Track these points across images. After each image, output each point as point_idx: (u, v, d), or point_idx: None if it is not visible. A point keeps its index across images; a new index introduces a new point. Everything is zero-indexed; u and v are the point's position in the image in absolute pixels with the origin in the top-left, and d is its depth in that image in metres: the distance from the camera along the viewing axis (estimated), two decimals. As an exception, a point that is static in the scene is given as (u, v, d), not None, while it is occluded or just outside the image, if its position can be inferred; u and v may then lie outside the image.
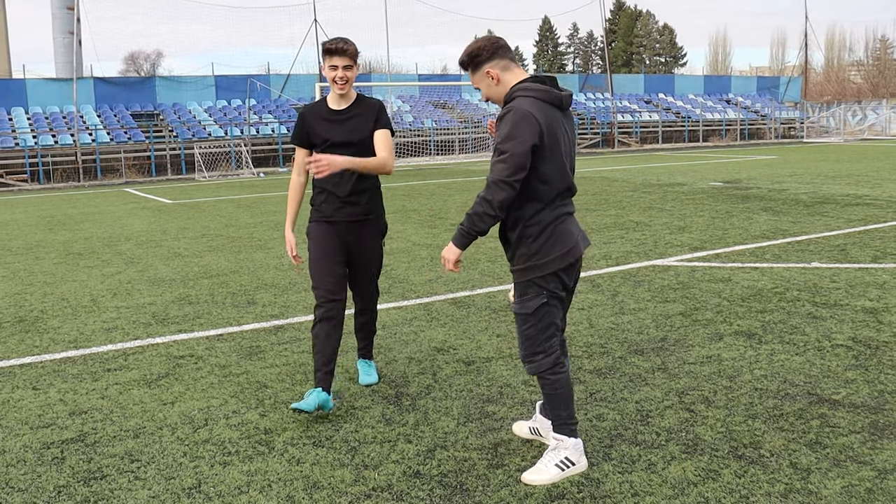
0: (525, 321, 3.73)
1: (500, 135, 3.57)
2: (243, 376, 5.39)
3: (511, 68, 3.75)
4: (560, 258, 3.67)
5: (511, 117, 3.55)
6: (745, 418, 4.38)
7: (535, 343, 3.73)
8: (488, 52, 3.71)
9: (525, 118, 3.52)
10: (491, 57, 3.72)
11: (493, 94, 3.78)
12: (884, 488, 3.55)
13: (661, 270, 8.36)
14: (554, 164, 3.62)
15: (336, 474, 3.88)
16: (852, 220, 11.39)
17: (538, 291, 3.68)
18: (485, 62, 3.73)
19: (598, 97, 44.65)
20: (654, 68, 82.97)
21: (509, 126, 3.53)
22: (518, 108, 3.55)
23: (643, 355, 5.54)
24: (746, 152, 32.45)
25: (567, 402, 3.79)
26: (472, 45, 3.75)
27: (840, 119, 45.41)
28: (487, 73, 3.73)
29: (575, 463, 3.77)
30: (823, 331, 5.96)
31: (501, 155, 3.53)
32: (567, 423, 3.80)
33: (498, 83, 3.74)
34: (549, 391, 3.78)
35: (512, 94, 3.67)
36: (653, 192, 16.67)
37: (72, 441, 4.39)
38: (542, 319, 3.71)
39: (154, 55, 72.07)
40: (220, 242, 11.56)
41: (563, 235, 3.69)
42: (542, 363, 3.74)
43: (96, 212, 16.95)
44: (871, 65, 68.21)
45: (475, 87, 3.86)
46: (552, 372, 3.75)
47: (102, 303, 7.78)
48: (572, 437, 3.79)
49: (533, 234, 3.65)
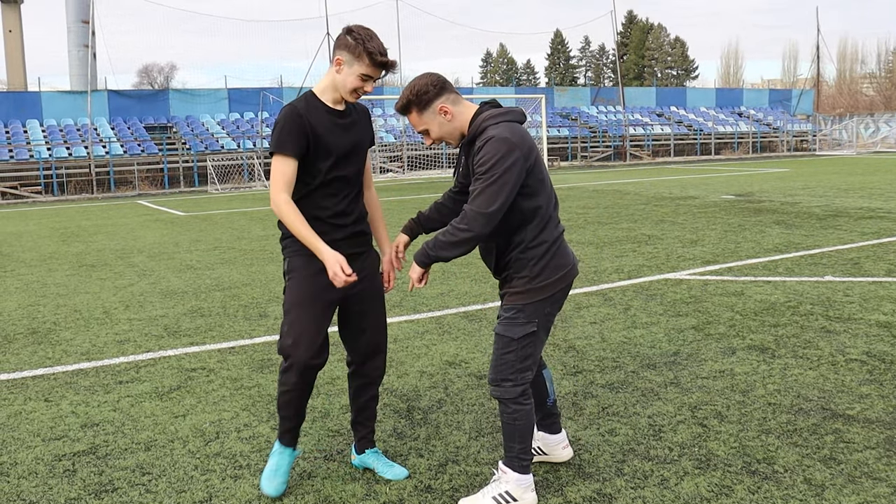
0: (506, 345, 3.52)
1: (482, 164, 3.33)
2: (255, 389, 5.39)
3: (460, 101, 3.54)
4: (561, 279, 3.54)
5: (492, 147, 3.32)
6: (758, 433, 4.35)
7: (508, 370, 3.53)
8: (436, 88, 3.49)
9: (506, 144, 3.32)
10: (440, 92, 3.49)
11: (446, 132, 3.54)
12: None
13: (673, 284, 8.33)
14: (543, 181, 3.49)
15: (347, 488, 3.87)
16: (866, 234, 11.33)
17: (529, 318, 3.50)
18: (434, 99, 3.49)
19: (610, 110, 44.66)
20: (666, 81, 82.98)
21: (492, 156, 3.31)
22: (498, 137, 3.34)
23: (656, 369, 5.52)
24: (759, 165, 32.37)
25: (524, 436, 3.58)
26: (414, 84, 3.49)
27: (853, 132, 45.27)
28: (441, 111, 3.49)
29: (516, 499, 3.57)
30: (837, 345, 5.93)
31: (488, 185, 3.31)
32: (518, 458, 3.58)
33: (452, 119, 3.51)
34: (508, 420, 3.56)
35: (480, 127, 3.44)
36: (665, 205, 16.63)
37: (83, 453, 4.39)
38: (524, 348, 3.52)
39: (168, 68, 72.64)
40: (233, 255, 11.59)
41: (564, 255, 3.57)
42: (508, 391, 3.53)
43: (109, 224, 17.03)
44: (884, 77, 68.04)
45: (419, 131, 3.57)
46: (516, 402, 3.54)
47: (115, 315, 7.81)
48: (518, 473, 3.58)
49: (536, 256, 3.49)
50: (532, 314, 3.50)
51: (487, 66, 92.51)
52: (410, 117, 3.54)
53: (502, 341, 3.53)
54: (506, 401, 3.54)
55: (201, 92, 36.33)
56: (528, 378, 3.56)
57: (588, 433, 4.44)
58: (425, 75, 3.53)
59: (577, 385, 5.25)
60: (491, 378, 3.58)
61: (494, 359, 3.57)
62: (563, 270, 3.54)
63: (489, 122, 3.43)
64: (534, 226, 3.48)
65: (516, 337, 3.50)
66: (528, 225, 3.47)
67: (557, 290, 3.54)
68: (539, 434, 4.01)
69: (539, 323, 3.53)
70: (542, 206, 3.48)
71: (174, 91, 37.16)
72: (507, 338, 3.52)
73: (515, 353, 3.51)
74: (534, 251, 3.49)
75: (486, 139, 3.36)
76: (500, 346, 3.54)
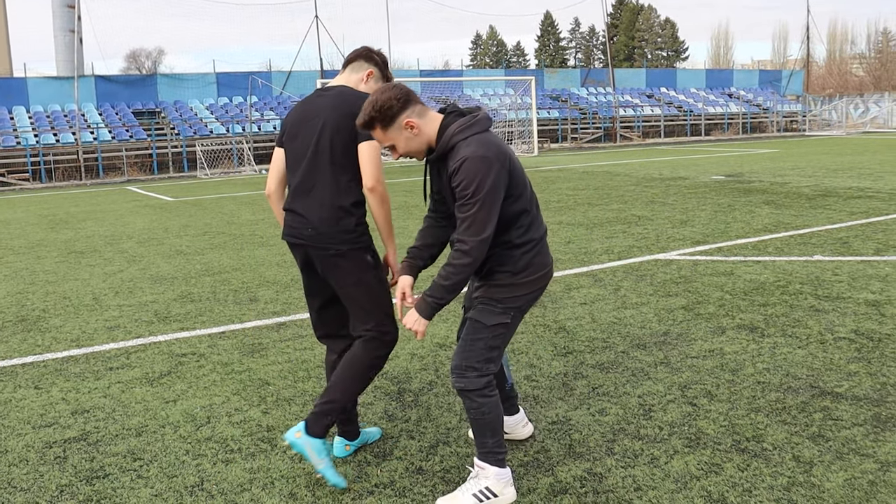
0: (477, 331, 3.43)
1: (464, 189, 3.19)
2: (245, 374, 5.39)
3: (426, 113, 3.34)
4: (542, 277, 3.47)
5: (471, 169, 3.17)
6: (747, 412, 4.37)
7: (475, 357, 3.42)
8: (400, 102, 3.26)
9: (484, 162, 3.18)
10: (405, 106, 3.28)
11: (414, 146, 3.35)
12: (886, 481, 3.54)
13: (663, 264, 8.35)
14: (525, 183, 3.40)
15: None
16: (855, 213, 11.37)
17: (505, 310, 3.43)
18: (399, 113, 3.28)
19: (600, 91, 44.60)
20: (656, 62, 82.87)
21: (473, 178, 3.16)
22: (473, 156, 3.17)
23: (646, 349, 5.54)
24: (748, 146, 32.41)
25: (495, 429, 3.47)
26: (377, 99, 3.26)
27: (842, 112, 45.34)
28: (407, 125, 3.29)
29: (497, 494, 3.48)
30: (826, 324, 5.95)
31: (476, 211, 3.19)
32: (493, 452, 3.49)
33: (418, 132, 3.31)
34: (476, 415, 3.44)
35: (449, 143, 3.27)
36: (655, 186, 16.65)
37: (74, 440, 4.39)
38: (494, 338, 3.44)
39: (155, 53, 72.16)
40: (222, 240, 11.57)
41: (546, 254, 3.50)
42: (472, 381, 3.41)
43: (98, 210, 16.96)
44: (873, 58, 68.08)
45: (384, 146, 3.40)
46: (480, 394, 3.42)
47: (104, 301, 7.79)
48: (496, 467, 3.49)
49: (521, 253, 3.40)
50: (508, 307, 3.44)
51: (477, 48, 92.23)
52: (375, 133, 3.34)
53: (474, 326, 3.45)
54: (470, 393, 3.42)
55: (190, 76, 36.13)
56: (493, 370, 3.46)
57: (578, 413, 4.45)
58: (387, 88, 3.29)
59: (568, 366, 5.27)
60: (455, 365, 3.44)
61: (462, 345, 3.47)
62: (544, 269, 3.47)
63: (458, 138, 3.26)
64: (519, 226, 3.39)
65: (489, 324, 3.42)
66: (513, 227, 3.38)
67: (537, 288, 3.47)
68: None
69: (513, 316, 3.46)
70: (527, 208, 3.40)
71: (162, 76, 36.93)
72: (480, 323, 3.43)
73: (485, 341, 3.43)
74: (519, 249, 3.40)
75: (461, 160, 3.19)
76: (471, 331, 3.45)
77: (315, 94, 3.83)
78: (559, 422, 4.35)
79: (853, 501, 3.38)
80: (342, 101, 3.67)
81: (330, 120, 3.64)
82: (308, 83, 37.03)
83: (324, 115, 3.67)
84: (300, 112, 3.79)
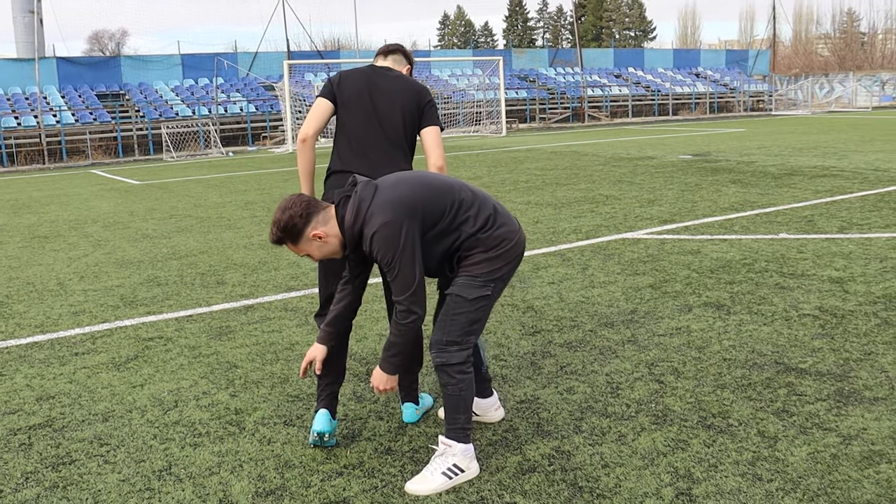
0: (459, 305, 3.46)
1: (383, 259, 3.26)
2: (213, 357, 5.36)
3: (328, 217, 3.37)
4: (517, 244, 3.49)
5: (380, 240, 3.24)
6: (713, 388, 4.42)
7: (456, 331, 3.47)
8: (303, 218, 3.31)
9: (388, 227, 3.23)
10: (307, 220, 3.32)
11: (328, 251, 3.41)
12: (848, 454, 3.60)
13: (630, 243, 8.39)
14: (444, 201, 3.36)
15: (307, 453, 3.87)
16: (819, 192, 11.50)
17: (485, 283, 3.45)
18: (304, 228, 3.33)
19: (568, 72, 44.63)
20: (624, 42, 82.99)
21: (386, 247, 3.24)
22: (379, 228, 3.23)
23: (613, 328, 5.57)
24: (715, 125, 32.63)
25: (468, 406, 3.54)
26: (279, 219, 3.31)
27: (808, 92, 45.75)
28: (314, 237, 3.34)
29: (464, 469, 3.53)
30: (791, 301, 6.02)
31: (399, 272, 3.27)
32: (464, 428, 3.55)
33: (327, 239, 3.37)
34: (453, 391, 3.50)
35: (355, 233, 3.32)
36: (623, 165, 16.72)
37: (39, 427, 4.34)
38: (476, 311, 3.47)
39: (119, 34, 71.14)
40: (189, 223, 11.46)
41: (509, 223, 3.49)
42: (453, 355, 3.47)
43: (62, 194, 16.73)
44: (838, 38, 68.64)
45: (301, 256, 3.47)
46: (460, 370, 3.48)
47: (69, 286, 7.69)
48: (461, 443, 3.54)
49: (483, 237, 3.42)
50: (488, 280, 3.46)
51: (445, 28, 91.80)
52: (288, 247, 3.41)
53: (455, 301, 3.47)
54: (450, 368, 3.47)
55: (154, 58, 35.66)
56: (473, 343, 3.52)
57: (546, 392, 4.47)
58: (288, 206, 3.33)
59: (536, 345, 5.29)
60: (436, 340, 3.50)
61: (443, 320, 3.50)
62: (514, 236, 3.48)
63: (359, 225, 3.30)
64: (466, 223, 3.41)
65: (470, 298, 3.45)
66: (462, 228, 3.40)
67: (514, 256, 3.49)
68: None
69: (493, 288, 3.48)
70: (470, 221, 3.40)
71: (126, 58, 36.44)
72: (460, 297, 3.46)
73: (466, 315, 3.46)
74: (480, 233, 3.42)
75: (370, 239, 3.26)
76: (452, 306, 3.48)
77: (372, 69, 4.07)
78: (527, 401, 4.37)
79: (816, 474, 3.43)
80: (409, 87, 4.02)
81: (401, 102, 3.97)
82: (275, 64, 36.70)
83: (395, 96, 3.98)
84: (363, 83, 4.01)
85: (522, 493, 3.40)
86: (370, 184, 3.37)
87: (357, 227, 3.32)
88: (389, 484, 3.54)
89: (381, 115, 3.96)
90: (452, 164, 18.88)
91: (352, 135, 4.00)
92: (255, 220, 11.44)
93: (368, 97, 3.99)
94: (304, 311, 6.36)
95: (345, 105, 4.00)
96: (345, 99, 4.00)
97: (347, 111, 3.99)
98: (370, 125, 3.96)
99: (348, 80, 4.03)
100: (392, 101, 3.97)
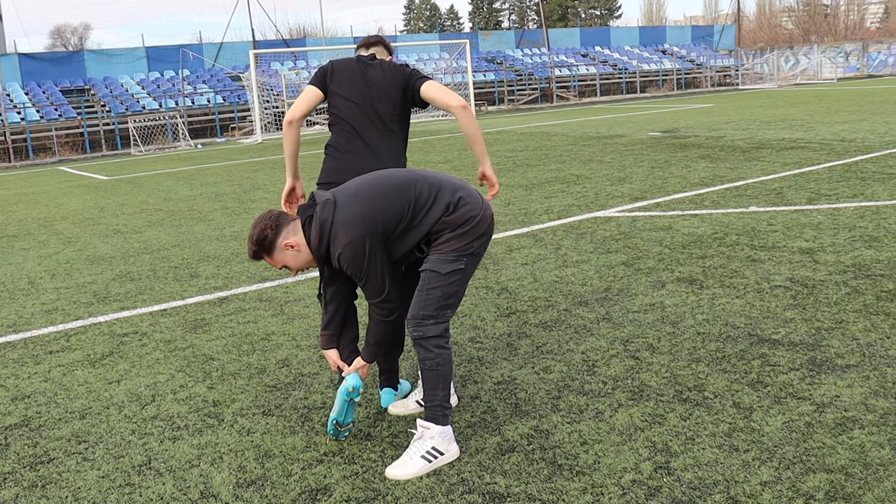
0: (433, 280, 3.51)
1: (353, 273, 3.46)
2: (189, 350, 5.34)
3: (296, 227, 3.53)
4: (483, 219, 3.56)
5: (347, 256, 3.41)
6: (688, 362, 4.46)
7: (432, 305, 3.51)
8: (273, 230, 3.49)
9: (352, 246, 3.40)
10: (278, 231, 3.49)
11: (303, 261, 3.57)
12: (822, 421, 3.65)
13: (602, 222, 8.44)
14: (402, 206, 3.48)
15: (287, 442, 3.88)
16: (787, 164, 11.60)
17: (458, 256, 3.51)
18: (275, 239, 3.50)
19: (535, 52, 44.63)
20: (590, 21, 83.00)
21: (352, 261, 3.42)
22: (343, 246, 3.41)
23: (588, 306, 5.61)
24: (683, 101, 32.79)
25: (446, 383, 3.57)
26: (252, 234, 3.51)
27: (773, 65, 46.05)
28: (286, 246, 3.50)
29: (443, 452, 3.53)
30: (762, 273, 6.09)
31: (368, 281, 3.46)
32: (441, 407, 3.57)
33: (300, 249, 3.52)
34: (430, 366, 3.53)
35: (321, 245, 3.48)
36: (592, 144, 16.77)
37: (15, 427, 4.31)
38: (450, 285, 3.52)
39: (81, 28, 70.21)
40: (160, 217, 11.37)
41: (471, 199, 3.56)
42: (429, 329, 3.51)
43: (30, 192, 16.53)
44: (802, 10, 69.08)
45: (280, 268, 3.63)
46: (437, 344, 3.53)
47: (41, 284, 7.62)
48: (440, 425, 3.55)
49: (449, 220, 3.50)
50: (460, 253, 3.52)
51: (410, 12, 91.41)
52: (266, 261, 3.57)
53: (429, 276, 3.53)
54: (427, 342, 3.52)
55: (118, 52, 35.25)
56: (449, 316, 3.57)
57: (523, 372, 4.50)
58: (259, 221, 3.52)
59: (511, 326, 5.31)
60: (412, 314, 3.55)
61: (418, 296, 3.55)
62: (479, 212, 3.54)
63: (325, 242, 3.46)
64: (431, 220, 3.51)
65: (444, 272, 3.50)
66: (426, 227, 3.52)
67: (482, 231, 3.55)
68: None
69: (467, 262, 3.54)
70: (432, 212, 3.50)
71: (90, 52, 35.97)
72: (434, 272, 3.51)
73: (441, 289, 3.51)
74: (445, 216, 3.50)
75: (338, 256, 3.43)
76: (427, 281, 3.53)
77: (359, 59, 4.20)
78: (504, 381, 4.40)
79: (791, 443, 3.48)
80: (395, 70, 4.15)
81: (390, 86, 4.11)
82: (240, 54, 36.39)
83: (385, 83, 4.11)
84: (357, 72, 4.15)
85: (503, 474, 3.42)
86: (328, 203, 3.50)
87: (323, 246, 3.48)
88: (370, 470, 3.55)
89: (375, 100, 4.13)
90: (423, 149, 18.85)
91: (349, 120, 4.14)
92: (226, 211, 11.37)
93: (363, 85, 4.14)
94: (278, 301, 6.34)
95: (339, 93, 4.15)
96: (339, 88, 4.16)
97: (343, 99, 4.14)
98: (365, 110, 4.12)
99: (341, 70, 4.18)
100: (383, 87, 4.14)
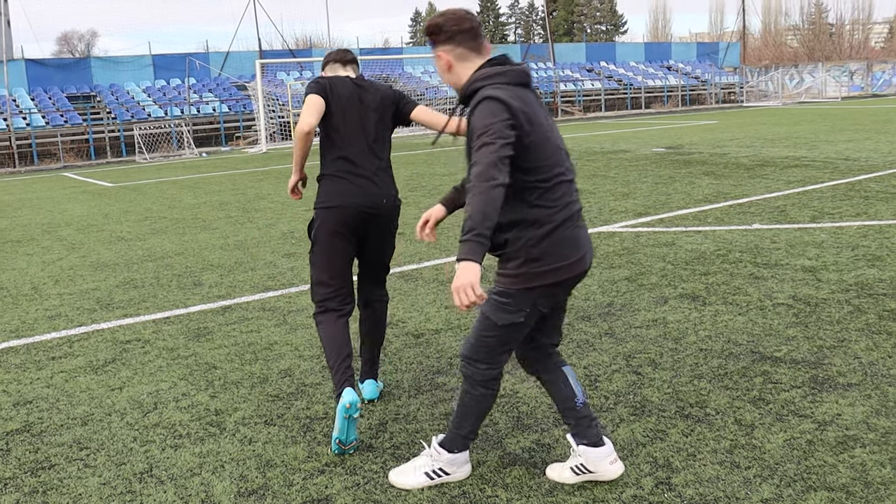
0: (489, 329, 3.22)
1: (473, 131, 3.03)
2: (192, 358, 5.35)
3: (468, 58, 3.19)
4: (563, 269, 3.12)
5: (481, 110, 3.00)
6: (690, 378, 4.46)
7: (485, 353, 3.27)
8: (446, 35, 3.17)
9: (496, 103, 2.99)
10: (447, 40, 3.18)
11: (446, 79, 3.28)
12: (823, 439, 3.65)
13: (606, 237, 8.45)
14: (546, 152, 3.08)
15: (289, 452, 3.88)
16: (791, 182, 11.62)
17: (519, 307, 3.15)
18: (439, 44, 3.20)
19: (541, 67, 44.71)
20: (596, 37, 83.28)
21: (481, 118, 2.99)
22: (488, 96, 3.02)
23: (590, 321, 5.61)
24: (688, 118, 32.83)
25: (480, 419, 3.41)
26: (436, 17, 3.19)
27: (778, 83, 46.11)
28: (439, 57, 3.22)
29: (449, 473, 3.47)
30: (765, 290, 6.09)
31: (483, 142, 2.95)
32: (464, 438, 3.44)
33: (449, 71, 3.22)
34: (469, 402, 3.36)
35: (471, 85, 3.12)
36: (597, 159, 16.80)
37: (17, 432, 4.32)
38: (507, 335, 3.23)
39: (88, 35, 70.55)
40: (164, 224, 11.40)
41: (571, 243, 3.12)
42: (481, 372, 3.30)
43: (34, 198, 16.57)
44: (807, 29, 69.22)
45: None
46: (486, 385, 3.32)
47: (44, 290, 7.64)
48: (453, 453, 3.45)
49: (535, 238, 3.08)
50: (522, 303, 3.16)
51: (417, 25, 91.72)
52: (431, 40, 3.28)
53: (485, 323, 3.23)
54: (475, 382, 3.32)
55: (125, 59, 35.33)
56: (504, 361, 3.32)
57: (525, 386, 4.50)
58: (451, 13, 3.20)
59: (515, 340, 5.31)
60: (465, 355, 3.32)
61: (473, 337, 3.29)
62: (566, 260, 3.12)
63: (478, 84, 3.11)
64: (533, 204, 3.09)
65: (500, 324, 3.20)
66: (526, 202, 3.09)
67: (557, 280, 3.14)
68: (581, 448, 3.40)
69: (527, 314, 3.18)
70: (544, 183, 3.09)
71: (96, 59, 36.07)
72: (490, 321, 3.22)
73: (497, 339, 3.24)
74: (533, 231, 3.09)
75: (477, 102, 3.05)
76: (483, 327, 3.25)
77: (348, 79, 4.22)
78: (507, 395, 4.40)
79: (793, 460, 3.48)
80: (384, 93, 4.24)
81: (381, 109, 4.19)
82: (247, 64, 36.48)
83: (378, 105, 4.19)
84: (354, 93, 4.17)
85: (504, 487, 3.42)
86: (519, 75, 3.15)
87: (475, 86, 3.12)
88: (371, 481, 3.56)
89: (367, 122, 4.16)
90: (426, 160, 18.89)
91: (346, 144, 4.12)
92: (230, 220, 11.39)
93: (360, 108, 4.17)
94: (281, 311, 6.35)
95: (338, 111, 4.14)
96: (339, 106, 4.14)
97: (341, 117, 4.13)
98: (359, 130, 4.15)
99: (340, 92, 4.16)
100: (378, 111, 4.20)
